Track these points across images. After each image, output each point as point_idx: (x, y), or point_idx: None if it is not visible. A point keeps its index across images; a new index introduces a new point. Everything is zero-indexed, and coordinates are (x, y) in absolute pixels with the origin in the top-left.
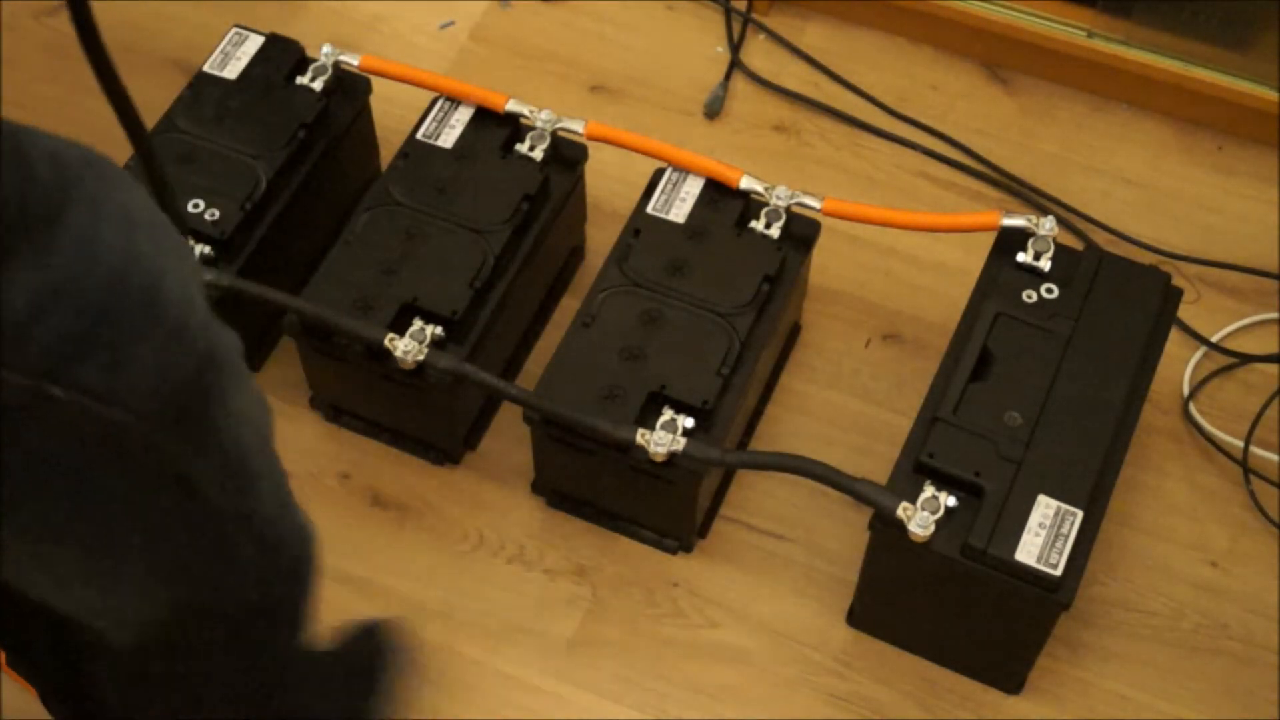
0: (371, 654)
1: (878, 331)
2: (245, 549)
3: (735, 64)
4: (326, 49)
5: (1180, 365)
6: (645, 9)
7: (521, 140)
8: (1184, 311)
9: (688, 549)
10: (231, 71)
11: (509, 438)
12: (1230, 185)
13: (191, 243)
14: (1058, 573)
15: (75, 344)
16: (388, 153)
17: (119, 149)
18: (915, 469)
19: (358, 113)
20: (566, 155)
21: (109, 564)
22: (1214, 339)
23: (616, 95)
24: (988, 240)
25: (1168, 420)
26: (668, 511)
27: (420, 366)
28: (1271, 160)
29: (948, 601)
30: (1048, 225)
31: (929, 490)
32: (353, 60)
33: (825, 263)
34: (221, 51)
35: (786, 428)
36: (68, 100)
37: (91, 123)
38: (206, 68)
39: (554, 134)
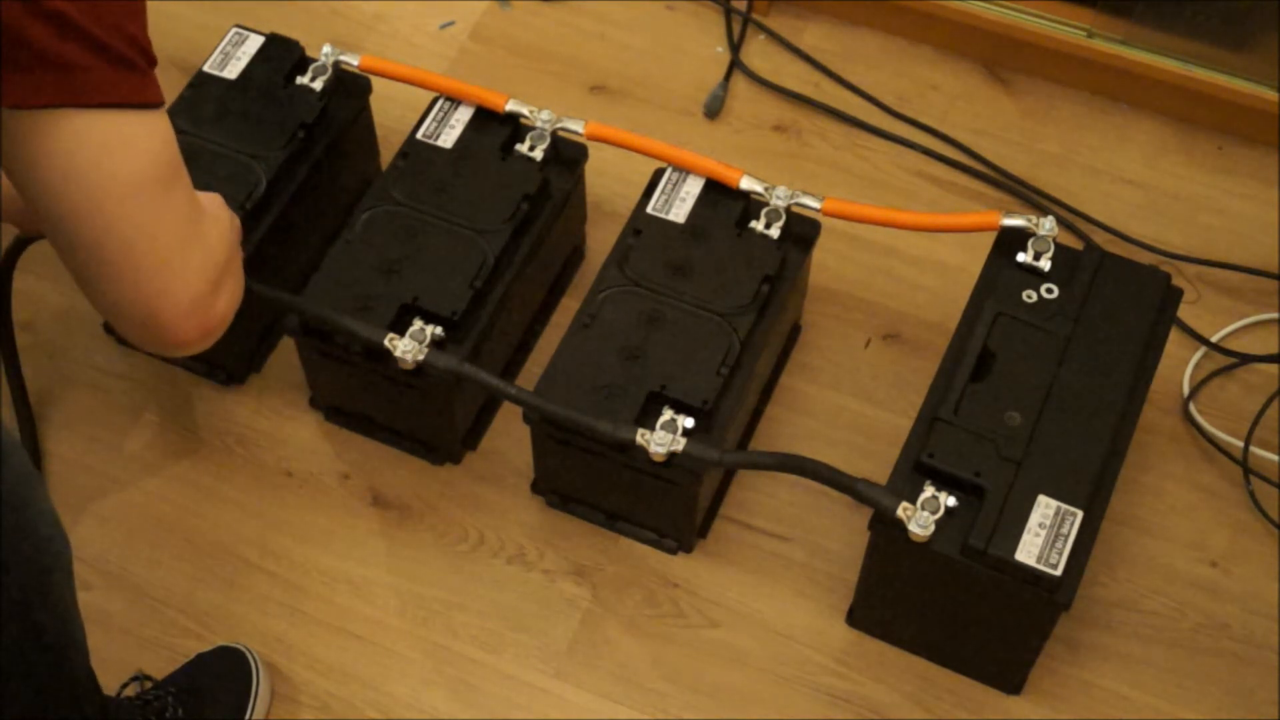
0: None
1: (878, 331)
2: None
3: (735, 64)
4: (326, 49)
5: (1180, 365)
6: (645, 9)
7: (521, 140)
8: (1184, 311)
9: (688, 549)
10: (231, 71)
11: (509, 438)
12: (1230, 185)
13: None
14: (1058, 573)
15: None
16: (388, 153)
17: None
18: (915, 469)
19: (358, 113)
20: (566, 155)
21: None
22: (1214, 339)
23: (616, 95)
24: (988, 240)
25: (1168, 420)
26: (668, 511)
27: (420, 366)
28: (1271, 160)
29: (947, 602)
30: (1048, 225)
31: (929, 490)
32: (353, 60)
33: (825, 263)
34: (221, 51)
35: (786, 428)
36: None
37: None
38: (206, 68)
39: (554, 134)
